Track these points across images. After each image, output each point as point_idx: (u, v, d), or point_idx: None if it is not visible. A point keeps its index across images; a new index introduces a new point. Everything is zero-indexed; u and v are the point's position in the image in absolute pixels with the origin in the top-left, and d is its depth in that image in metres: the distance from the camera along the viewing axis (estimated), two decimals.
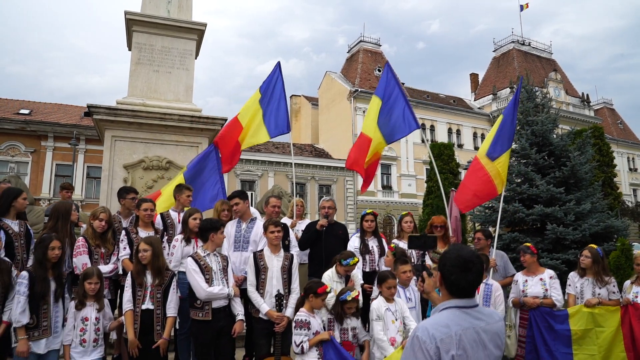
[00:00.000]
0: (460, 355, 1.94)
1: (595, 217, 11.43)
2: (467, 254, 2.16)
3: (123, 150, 7.70)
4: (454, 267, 2.11)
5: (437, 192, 22.23)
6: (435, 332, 1.95)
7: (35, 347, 4.07)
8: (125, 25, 8.40)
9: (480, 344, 2.02)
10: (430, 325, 2.00)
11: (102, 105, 7.55)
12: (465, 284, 2.10)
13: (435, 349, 1.91)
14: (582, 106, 47.15)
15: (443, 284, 2.16)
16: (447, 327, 1.98)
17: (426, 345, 1.92)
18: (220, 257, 4.81)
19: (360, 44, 42.61)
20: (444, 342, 1.93)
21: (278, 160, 33.54)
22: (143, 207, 5.27)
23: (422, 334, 1.96)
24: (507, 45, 48.70)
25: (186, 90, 8.39)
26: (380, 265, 5.54)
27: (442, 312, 2.09)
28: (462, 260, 2.11)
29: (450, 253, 2.19)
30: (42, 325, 4.11)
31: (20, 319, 3.99)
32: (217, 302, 4.57)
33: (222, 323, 4.57)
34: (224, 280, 4.68)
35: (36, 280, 4.10)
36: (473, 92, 50.06)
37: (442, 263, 2.18)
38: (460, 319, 2.04)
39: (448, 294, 2.14)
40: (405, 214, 6.27)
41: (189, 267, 4.60)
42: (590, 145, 13.58)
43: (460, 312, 2.07)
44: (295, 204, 6.70)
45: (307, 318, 4.22)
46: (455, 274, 2.09)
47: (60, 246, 4.27)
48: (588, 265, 5.37)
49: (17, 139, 27.63)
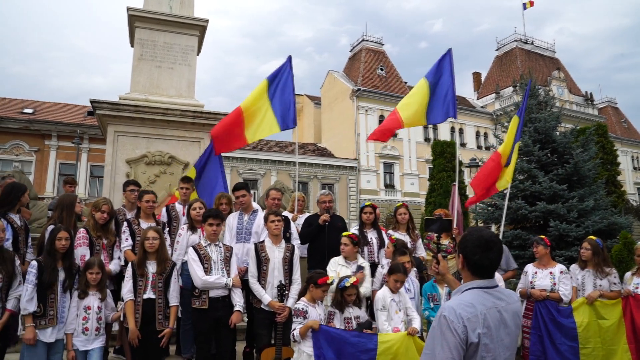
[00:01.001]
0: (485, 333, 2.01)
1: (599, 214, 11.40)
2: (487, 234, 2.23)
3: (126, 145, 7.74)
4: (476, 247, 2.17)
5: (439, 190, 22.22)
6: (462, 311, 2.01)
7: (42, 336, 4.11)
8: (128, 21, 8.44)
9: (502, 323, 2.10)
10: (456, 305, 2.05)
11: (105, 100, 7.60)
12: (488, 263, 2.17)
13: (462, 328, 1.97)
14: (586, 105, 46.99)
15: (465, 265, 2.22)
16: (472, 307, 2.04)
17: (454, 325, 1.97)
18: (224, 248, 4.85)
19: (363, 43, 42.57)
20: (470, 321, 1.99)
21: (281, 159, 33.56)
22: (145, 199, 5.31)
23: (449, 314, 2.01)
24: (510, 44, 48.56)
25: (188, 86, 8.43)
26: (380, 257, 5.54)
27: (466, 293, 2.15)
28: (483, 240, 2.18)
29: (471, 235, 2.26)
30: (49, 314, 4.16)
31: (27, 307, 4.04)
32: (215, 292, 4.61)
33: (220, 313, 4.60)
34: (224, 270, 4.71)
35: (45, 269, 4.15)
36: (476, 91, 49.96)
37: (463, 245, 2.24)
38: (484, 299, 2.10)
39: (470, 275, 2.21)
40: (400, 205, 6.26)
41: (189, 256, 4.71)
42: (594, 143, 13.54)
43: (483, 293, 2.14)
44: (297, 199, 6.71)
45: (305, 307, 4.24)
46: (478, 254, 2.16)
47: (67, 237, 4.31)
48: (588, 257, 5.37)
49: (21, 138, 27.78)
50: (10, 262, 4.27)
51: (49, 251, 4.27)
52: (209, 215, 4.82)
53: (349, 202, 35.73)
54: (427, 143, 37.56)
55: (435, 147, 23.45)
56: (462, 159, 24.03)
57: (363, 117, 37.50)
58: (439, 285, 4.98)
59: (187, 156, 7.95)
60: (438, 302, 4.90)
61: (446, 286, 4.95)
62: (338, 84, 40.38)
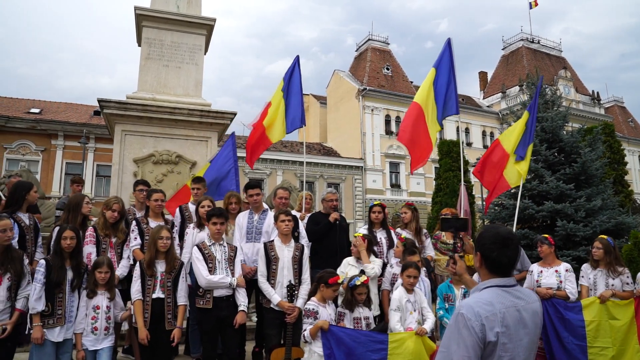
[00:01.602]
0: (503, 332, 1.97)
1: (606, 213, 11.33)
2: (504, 231, 2.20)
3: (133, 145, 7.74)
4: (494, 244, 2.14)
5: (445, 189, 22.15)
6: (480, 309, 1.97)
7: (50, 335, 4.10)
8: (135, 20, 8.45)
9: (521, 322, 2.05)
10: (475, 303, 2.02)
11: (113, 99, 7.61)
12: (507, 260, 2.14)
13: (480, 326, 1.94)
14: (593, 104, 46.73)
15: (483, 263, 2.19)
16: (490, 305, 2.00)
17: (471, 323, 1.94)
18: (228, 248, 4.82)
19: (369, 42, 42.50)
20: (488, 320, 1.96)
21: (287, 159, 33.57)
22: (153, 198, 5.31)
23: (467, 312, 1.97)
24: (516, 43, 48.35)
25: (196, 85, 8.42)
26: (389, 257, 5.51)
27: (484, 291, 2.11)
28: (500, 237, 2.15)
29: (488, 232, 2.23)
30: (57, 313, 4.15)
31: (35, 306, 4.04)
32: (219, 291, 4.59)
33: (224, 312, 4.57)
34: (229, 270, 4.69)
35: (53, 268, 4.15)
36: (482, 90, 49.78)
37: (480, 243, 2.21)
38: (502, 298, 2.07)
39: (488, 273, 2.17)
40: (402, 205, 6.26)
41: (193, 255, 4.69)
42: (601, 142, 13.46)
43: (502, 291, 2.10)
44: (304, 197, 6.70)
45: (316, 307, 4.22)
46: (496, 251, 2.13)
47: (73, 236, 4.29)
48: (600, 257, 5.31)
49: (28, 137, 27.89)
50: (19, 262, 4.26)
51: (56, 250, 4.28)
52: (212, 214, 4.77)
53: (355, 201, 35.69)
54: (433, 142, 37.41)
55: (441, 146, 23.40)
56: (468, 158, 23.93)
57: (369, 117, 37.44)
58: (455, 285, 4.95)
59: (194, 155, 7.95)
60: (453, 302, 4.88)
61: (462, 287, 4.93)
62: (344, 84, 40.35)
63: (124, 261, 5.13)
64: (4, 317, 4.11)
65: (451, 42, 6.75)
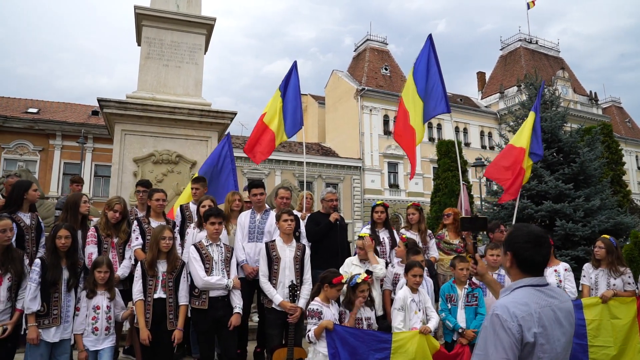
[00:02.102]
0: (541, 333, 1.93)
1: (605, 213, 11.35)
2: (536, 229, 2.16)
3: (133, 144, 7.72)
4: (527, 242, 2.10)
5: (444, 189, 22.16)
6: (516, 310, 1.93)
7: (45, 335, 4.08)
8: (135, 20, 8.43)
9: (557, 322, 2.02)
10: (509, 303, 1.97)
11: (113, 99, 7.58)
12: (541, 259, 2.10)
13: (517, 327, 1.89)
14: (590, 104, 46.86)
15: (514, 262, 2.13)
16: (526, 306, 1.96)
17: (508, 324, 1.90)
18: (224, 248, 4.80)
19: (367, 42, 42.54)
20: (525, 320, 1.91)
21: (285, 159, 33.56)
22: (155, 197, 5.29)
23: (502, 313, 1.93)
24: (514, 44, 48.46)
25: (195, 85, 8.41)
26: (392, 257, 5.51)
27: (517, 291, 2.06)
28: (533, 235, 2.11)
29: (520, 230, 2.17)
30: (53, 313, 4.12)
31: (30, 306, 4.01)
32: (214, 292, 4.57)
33: (220, 313, 4.55)
34: (225, 271, 4.66)
35: (48, 267, 4.13)
36: (480, 90, 49.87)
37: (512, 242, 2.15)
38: (537, 297, 2.02)
39: (520, 273, 2.12)
40: (410, 205, 6.26)
41: (190, 255, 4.64)
42: (600, 142, 13.50)
43: (535, 291, 2.05)
44: (305, 197, 6.69)
45: (320, 308, 4.21)
46: (530, 250, 2.09)
47: (67, 235, 4.26)
48: (602, 256, 5.32)
49: (26, 137, 27.80)
50: (20, 262, 4.25)
51: (51, 250, 4.25)
52: (210, 214, 4.74)
53: (353, 201, 35.71)
54: (432, 143, 37.46)
55: (440, 146, 23.40)
56: (466, 158, 23.93)
57: (367, 117, 37.46)
58: (458, 286, 4.95)
59: (194, 155, 7.93)
60: (456, 302, 4.87)
61: (465, 287, 4.93)
62: (342, 84, 40.36)
63: (125, 261, 5.10)
64: (5, 317, 4.10)
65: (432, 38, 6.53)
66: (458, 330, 4.73)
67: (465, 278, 4.93)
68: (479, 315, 4.84)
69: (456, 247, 6.03)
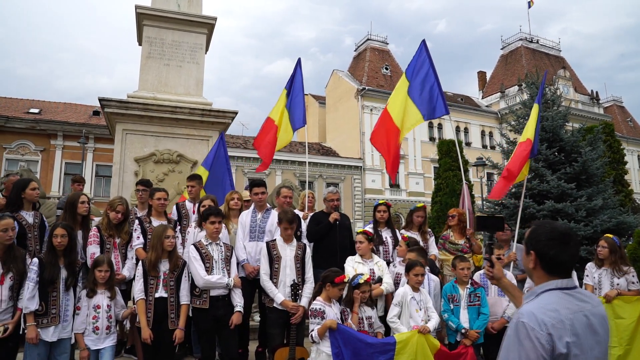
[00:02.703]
0: (574, 342, 1.72)
1: (607, 213, 11.32)
2: (561, 226, 1.98)
3: (134, 144, 7.71)
4: (551, 240, 1.90)
5: (445, 189, 22.13)
6: (545, 317, 1.72)
7: (44, 335, 4.05)
8: (136, 19, 8.42)
9: (590, 329, 1.81)
10: (536, 309, 1.76)
11: (114, 98, 7.57)
12: (567, 258, 1.90)
13: (547, 337, 1.69)
14: (592, 104, 46.78)
15: (539, 263, 1.93)
16: (556, 312, 1.75)
17: (535, 333, 1.69)
18: (224, 247, 4.79)
19: (368, 42, 42.51)
20: (555, 329, 1.70)
21: (286, 159, 33.54)
22: (156, 197, 5.28)
23: (529, 320, 1.72)
24: (515, 43, 48.39)
25: (197, 84, 8.39)
26: (395, 256, 5.49)
27: (543, 296, 1.86)
28: (558, 232, 1.92)
29: (543, 227, 1.98)
30: (51, 312, 4.09)
31: (28, 305, 3.99)
32: (215, 291, 4.56)
33: (221, 312, 4.54)
34: (225, 270, 4.65)
35: (46, 265, 4.11)
36: (481, 90, 49.81)
37: (534, 240, 1.96)
38: (567, 302, 1.82)
39: (545, 274, 1.92)
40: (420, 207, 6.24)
41: (190, 255, 4.63)
42: (602, 142, 13.47)
43: (564, 295, 1.85)
44: (307, 196, 6.67)
45: (322, 307, 4.20)
46: (555, 249, 1.89)
47: (64, 234, 4.23)
48: (605, 255, 5.29)
49: (27, 137, 27.86)
50: (22, 261, 4.24)
51: (49, 248, 4.25)
52: (210, 213, 4.73)
53: (354, 201, 35.68)
54: (432, 142, 37.47)
55: (441, 146, 23.37)
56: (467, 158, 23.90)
57: (368, 117, 37.42)
58: (460, 286, 4.93)
59: (195, 154, 7.92)
60: (458, 303, 4.86)
61: (467, 287, 4.91)
62: (343, 84, 40.34)
63: (128, 262, 5.10)
64: (6, 316, 4.09)
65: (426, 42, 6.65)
66: (461, 330, 4.71)
67: (466, 278, 4.92)
68: (481, 315, 4.82)
69: (461, 247, 6.01)
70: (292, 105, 6.96)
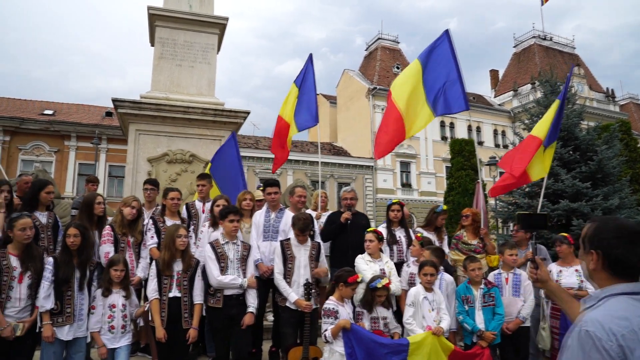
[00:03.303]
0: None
1: (624, 212, 11.16)
2: (629, 223, 1.77)
3: (147, 144, 7.76)
4: (618, 239, 1.71)
5: (458, 189, 22.00)
6: (613, 326, 1.52)
7: (59, 333, 4.09)
8: (148, 20, 8.47)
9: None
10: (603, 317, 1.57)
11: (127, 99, 7.63)
12: (636, 259, 1.70)
13: (617, 349, 1.49)
14: (607, 101, 46.14)
15: (603, 263, 1.74)
16: (626, 320, 1.55)
17: (603, 343, 1.50)
18: (242, 247, 4.79)
19: (379, 41, 42.39)
20: (627, 339, 1.50)
21: (297, 159, 33.55)
22: (170, 196, 5.30)
23: (595, 329, 1.53)
24: (527, 41, 47.89)
25: (209, 84, 8.42)
26: (409, 255, 5.45)
27: (610, 302, 1.65)
28: (626, 231, 1.72)
29: (607, 224, 1.78)
30: (66, 311, 4.13)
31: (44, 304, 4.03)
32: (229, 290, 4.57)
33: (234, 311, 4.54)
34: (240, 269, 4.65)
35: (60, 264, 4.15)
36: (493, 88, 49.39)
37: (598, 238, 1.77)
38: (637, 309, 1.61)
39: (610, 277, 1.73)
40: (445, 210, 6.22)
41: (205, 254, 4.67)
42: (618, 140, 13.28)
43: (634, 300, 1.64)
44: (320, 196, 6.66)
45: (336, 307, 4.19)
46: (621, 248, 1.70)
47: (76, 234, 4.26)
48: None
49: (42, 139, 28.24)
50: (40, 260, 4.27)
51: (63, 247, 4.29)
52: (229, 212, 4.75)
53: (366, 201, 35.59)
54: (444, 142, 37.23)
55: (453, 145, 23.29)
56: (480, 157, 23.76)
57: (379, 116, 37.24)
58: (473, 287, 4.88)
59: (208, 154, 7.93)
60: (472, 304, 4.80)
61: (481, 287, 4.84)
62: (354, 83, 40.27)
63: (142, 262, 5.12)
64: (25, 314, 4.14)
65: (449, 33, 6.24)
66: (477, 332, 4.66)
67: (479, 278, 4.86)
68: (496, 316, 4.77)
69: (475, 247, 5.95)
70: (303, 103, 6.88)
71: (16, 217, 4.21)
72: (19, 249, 4.16)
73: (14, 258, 4.13)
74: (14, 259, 4.13)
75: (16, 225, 4.10)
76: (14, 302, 4.07)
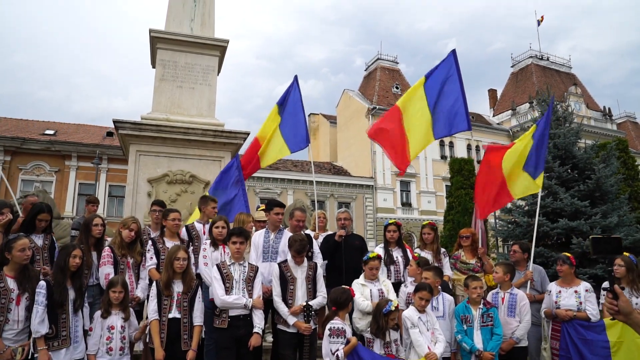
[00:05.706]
0: None
1: (623, 230, 11.18)
2: None
3: (147, 165, 7.79)
4: None
5: (457, 208, 21.99)
6: None
7: (56, 358, 4.03)
8: (150, 42, 8.59)
9: None
10: None
11: (128, 120, 7.69)
12: None
13: None
14: (604, 120, 46.44)
15: None
16: None
17: None
18: (248, 268, 4.80)
19: (378, 61, 42.83)
20: None
21: (297, 178, 33.65)
22: (170, 217, 5.32)
23: None
24: (525, 61, 48.43)
25: (209, 105, 8.50)
26: (406, 275, 5.46)
27: None
28: None
29: None
30: (62, 335, 4.08)
31: (39, 329, 3.94)
32: (235, 311, 4.56)
33: (241, 331, 4.53)
34: (246, 290, 4.65)
35: (54, 287, 4.10)
36: (492, 108, 49.76)
37: None
38: None
39: None
40: (425, 224, 6.23)
41: (212, 275, 4.68)
42: (615, 158, 13.34)
43: None
44: (318, 217, 6.70)
45: (343, 326, 4.21)
46: None
47: (81, 256, 4.27)
48: (622, 274, 5.17)
49: (42, 158, 28.33)
50: (36, 281, 4.25)
51: (61, 268, 4.19)
52: (232, 234, 4.80)
53: (366, 220, 35.55)
54: (444, 160, 37.37)
55: (452, 164, 23.36)
56: None
57: None
58: (472, 306, 4.87)
59: (207, 175, 7.98)
60: (471, 324, 4.79)
61: (480, 307, 4.83)
62: (354, 103, 40.56)
63: (142, 282, 5.12)
64: (23, 337, 4.11)
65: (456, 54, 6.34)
66: (475, 352, 4.64)
67: (479, 298, 4.86)
68: (495, 336, 4.75)
69: (473, 266, 5.96)
70: (292, 124, 6.98)
71: (14, 239, 4.21)
72: (15, 271, 4.14)
73: (11, 280, 4.11)
74: (11, 281, 4.11)
75: (15, 246, 4.10)
76: (12, 324, 4.04)
